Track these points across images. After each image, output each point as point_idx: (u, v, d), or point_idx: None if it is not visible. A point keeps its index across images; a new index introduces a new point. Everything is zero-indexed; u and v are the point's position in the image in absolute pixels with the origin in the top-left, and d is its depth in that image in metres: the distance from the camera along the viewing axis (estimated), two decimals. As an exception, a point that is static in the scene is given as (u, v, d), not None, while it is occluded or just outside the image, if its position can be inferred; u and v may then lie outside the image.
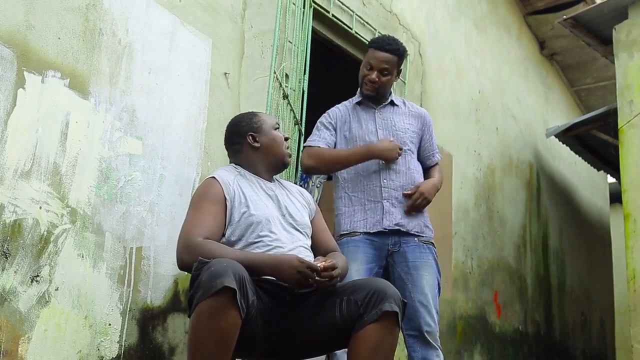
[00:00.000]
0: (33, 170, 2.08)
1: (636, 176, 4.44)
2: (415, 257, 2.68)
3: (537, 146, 6.38)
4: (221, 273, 1.77)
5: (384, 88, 2.82)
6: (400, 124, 2.82)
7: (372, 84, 2.79)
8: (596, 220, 7.88)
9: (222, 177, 2.22)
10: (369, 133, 2.80)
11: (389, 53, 2.77)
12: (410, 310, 2.51)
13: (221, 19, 2.90)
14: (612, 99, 5.69)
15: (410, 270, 2.66)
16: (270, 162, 2.34)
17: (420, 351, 2.56)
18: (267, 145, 2.33)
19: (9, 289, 1.97)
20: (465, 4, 5.25)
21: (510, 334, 5.36)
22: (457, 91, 4.89)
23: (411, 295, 2.60)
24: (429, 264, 2.69)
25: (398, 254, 2.69)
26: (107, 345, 2.26)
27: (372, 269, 2.66)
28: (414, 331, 2.58)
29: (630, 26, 4.70)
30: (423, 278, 2.64)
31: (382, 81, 2.79)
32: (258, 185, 2.28)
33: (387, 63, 2.77)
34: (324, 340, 2.05)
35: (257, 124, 2.35)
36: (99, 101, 2.32)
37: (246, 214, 2.16)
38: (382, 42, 2.80)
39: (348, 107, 2.92)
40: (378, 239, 2.69)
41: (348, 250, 2.68)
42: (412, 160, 2.82)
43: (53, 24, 2.19)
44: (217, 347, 1.77)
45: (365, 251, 2.67)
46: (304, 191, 2.49)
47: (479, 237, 4.98)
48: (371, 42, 2.88)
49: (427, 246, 2.73)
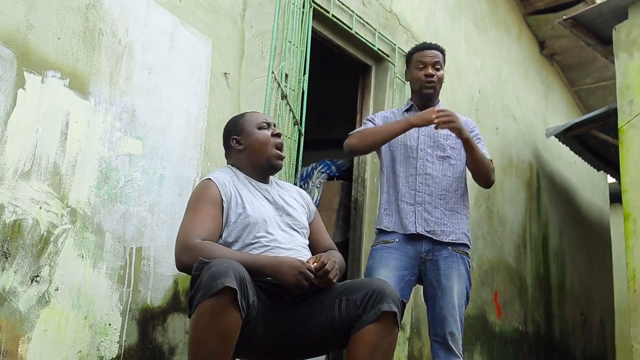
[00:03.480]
0: (33, 170, 2.08)
1: (636, 176, 4.44)
2: (447, 266, 2.72)
3: (537, 146, 6.38)
4: (222, 273, 1.77)
5: (440, 84, 2.88)
6: (443, 131, 2.80)
7: (430, 78, 2.84)
8: (596, 220, 7.88)
9: (218, 179, 2.22)
10: (411, 137, 2.84)
11: (435, 49, 2.89)
12: (437, 317, 2.66)
13: (221, 19, 2.90)
14: (612, 99, 5.69)
15: (441, 278, 2.70)
16: (256, 164, 2.32)
17: (443, 357, 2.64)
18: (249, 147, 2.33)
19: (9, 289, 1.97)
20: (465, 4, 5.25)
21: (510, 334, 5.36)
22: (457, 91, 4.89)
23: (440, 303, 2.67)
24: (460, 274, 2.73)
25: (431, 262, 2.73)
26: (107, 345, 2.26)
27: (404, 277, 2.69)
28: (439, 337, 2.65)
29: (630, 26, 4.70)
30: (452, 287, 2.69)
31: (438, 75, 2.86)
32: (254, 186, 2.28)
33: (437, 57, 2.87)
34: (324, 340, 2.05)
35: (240, 126, 2.36)
36: (99, 101, 2.32)
37: (243, 215, 2.17)
38: (425, 44, 2.94)
39: (395, 113, 2.98)
40: (411, 247, 2.73)
41: (381, 256, 2.73)
42: (450, 168, 2.82)
43: (53, 24, 2.19)
44: (218, 347, 1.78)
45: (398, 258, 2.71)
46: (303, 192, 2.49)
47: (479, 237, 4.98)
48: (413, 49, 2.97)
49: (461, 256, 2.76)
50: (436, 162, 2.80)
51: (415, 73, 2.88)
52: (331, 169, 4.27)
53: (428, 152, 2.81)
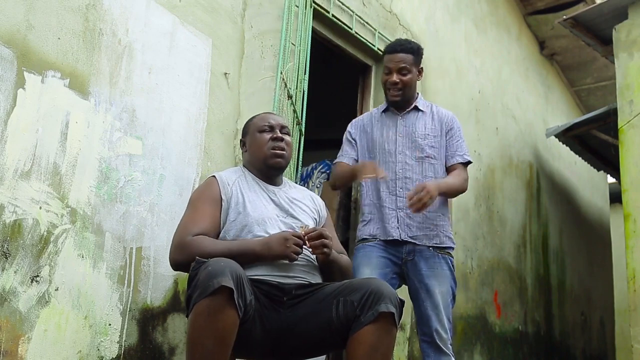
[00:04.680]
0: (33, 170, 2.08)
1: (636, 176, 4.44)
2: (429, 266, 2.72)
3: (537, 146, 6.37)
4: (218, 272, 1.78)
5: (408, 89, 2.83)
6: (421, 130, 2.80)
7: (395, 85, 2.81)
8: (596, 220, 7.88)
9: (221, 177, 2.25)
10: (389, 141, 2.83)
11: (403, 52, 2.82)
12: (422, 316, 2.67)
13: (221, 19, 2.90)
14: (612, 99, 5.68)
15: (424, 279, 2.70)
16: (257, 166, 2.35)
17: (432, 356, 2.64)
18: (250, 149, 2.38)
19: (9, 289, 1.97)
20: (465, 4, 5.25)
21: (510, 334, 5.36)
22: (457, 91, 4.89)
23: (424, 303, 2.68)
24: (443, 274, 2.72)
25: (412, 263, 2.73)
26: (107, 345, 2.26)
27: (387, 275, 2.70)
28: (426, 336, 2.67)
29: (630, 26, 4.70)
30: (435, 287, 2.68)
31: (404, 80, 2.81)
32: (260, 188, 2.29)
33: (403, 62, 2.81)
34: (322, 341, 2.05)
35: (247, 128, 2.43)
36: (99, 101, 2.32)
37: (242, 214, 2.18)
38: (394, 45, 2.87)
39: (373, 114, 2.96)
40: (392, 247, 2.73)
41: (363, 255, 2.74)
42: (431, 168, 2.78)
43: (53, 24, 2.19)
44: (215, 346, 1.78)
45: (380, 257, 2.72)
46: (316, 198, 2.48)
47: (479, 237, 4.98)
48: (384, 50, 2.93)
49: (443, 256, 2.75)
50: (415, 164, 2.77)
51: (382, 78, 2.89)
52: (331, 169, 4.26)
53: (407, 155, 2.78)
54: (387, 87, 2.83)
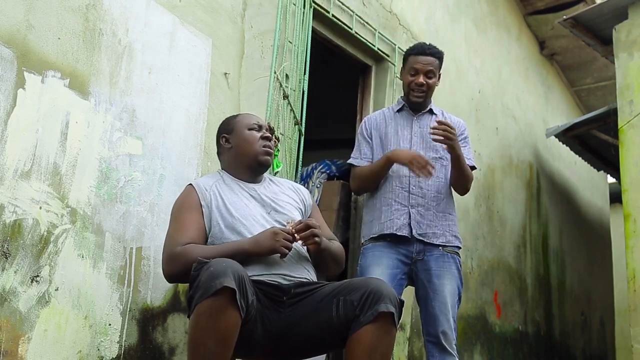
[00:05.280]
0: (33, 170, 2.08)
1: (636, 176, 4.44)
2: (439, 266, 2.74)
3: (537, 146, 6.37)
4: (220, 273, 1.78)
5: (431, 92, 2.90)
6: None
7: (420, 87, 2.86)
8: (596, 220, 7.88)
9: (198, 184, 2.28)
10: (403, 140, 2.86)
11: (431, 56, 2.87)
12: (430, 316, 2.68)
13: (221, 19, 2.90)
14: (612, 99, 5.68)
15: (432, 279, 2.72)
16: (244, 163, 2.34)
17: (437, 356, 2.65)
18: (238, 146, 2.36)
19: (9, 289, 1.97)
20: (465, 4, 5.24)
21: (510, 334, 5.36)
22: (457, 91, 4.89)
23: (432, 303, 2.69)
24: (452, 273, 2.74)
25: (422, 262, 2.75)
26: (107, 345, 2.26)
27: (396, 275, 2.71)
28: (432, 337, 2.68)
29: (630, 26, 4.70)
30: (444, 287, 2.70)
31: (429, 83, 2.87)
32: (239, 187, 2.30)
33: (431, 65, 2.86)
34: (322, 341, 2.05)
35: (231, 126, 2.40)
36: (99, 101, 2.32)
37: (225, 216, 2.18)
38: (422, 47, 2.91)
39: (386, 114, 2.98)
40: (403, 247, 2.74)
41: (373, 255, 2.74)
42: (442, 169, 2.84)
43: (53, 24, 2.19)
44: (217, 347, 1.78)
45: (390, 257, 2.72)
46: (300, 187, 2.49)
47: (479, 237, 4.98)
48: (410, 50, 2.96)
49: (452, 255, 2.77)
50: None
51: (407, 77, 2.91)
52: (331, 169, 4.26)
53: (421, 154, 2.80)
54: (412, 88, 2.88)
